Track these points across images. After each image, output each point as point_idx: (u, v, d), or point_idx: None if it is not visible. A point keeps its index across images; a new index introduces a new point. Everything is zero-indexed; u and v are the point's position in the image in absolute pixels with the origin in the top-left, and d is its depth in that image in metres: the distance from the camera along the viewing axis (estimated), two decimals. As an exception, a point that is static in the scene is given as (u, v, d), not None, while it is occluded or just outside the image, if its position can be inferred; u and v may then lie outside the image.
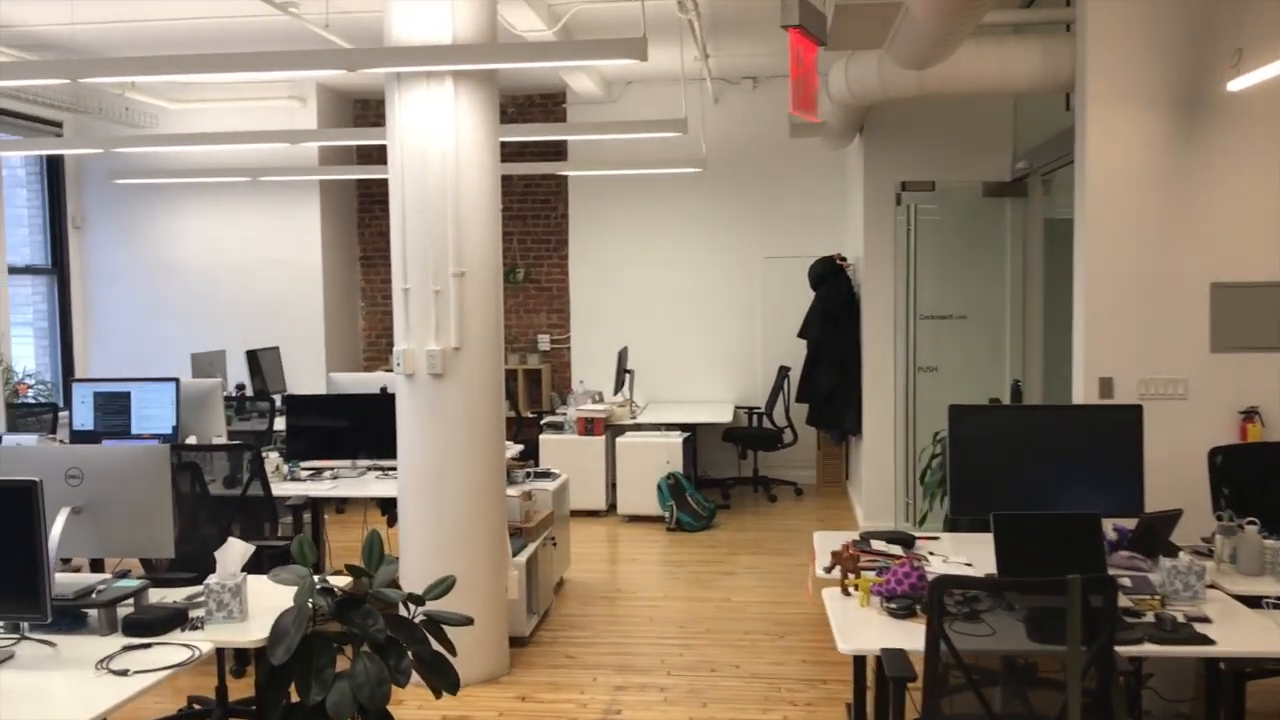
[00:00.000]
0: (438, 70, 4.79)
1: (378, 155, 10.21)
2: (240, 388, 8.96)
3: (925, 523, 6.32)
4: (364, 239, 10.48)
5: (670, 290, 9.89)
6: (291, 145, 8.77)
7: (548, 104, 10.00)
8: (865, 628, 3.42)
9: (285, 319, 9.80)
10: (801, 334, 8.78)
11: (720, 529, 8.07)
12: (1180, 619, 3.32)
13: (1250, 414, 5.20)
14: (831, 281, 8.40)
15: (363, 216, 10.48)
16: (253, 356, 8.97)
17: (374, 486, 5.78)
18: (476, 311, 4.96)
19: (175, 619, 3.34)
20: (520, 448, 6.74)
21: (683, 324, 9.89)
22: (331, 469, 6.09)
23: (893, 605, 3.53)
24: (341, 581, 3.47)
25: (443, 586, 3.53)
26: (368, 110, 10.34)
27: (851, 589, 3.71)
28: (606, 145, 9.79)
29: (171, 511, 3.57)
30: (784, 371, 9.20)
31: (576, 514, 8.35)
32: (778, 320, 9.73)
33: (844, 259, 8.56)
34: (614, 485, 8.52)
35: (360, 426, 6.07)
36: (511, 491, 5.82)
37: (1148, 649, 3.23)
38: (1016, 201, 7.49)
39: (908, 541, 4.23)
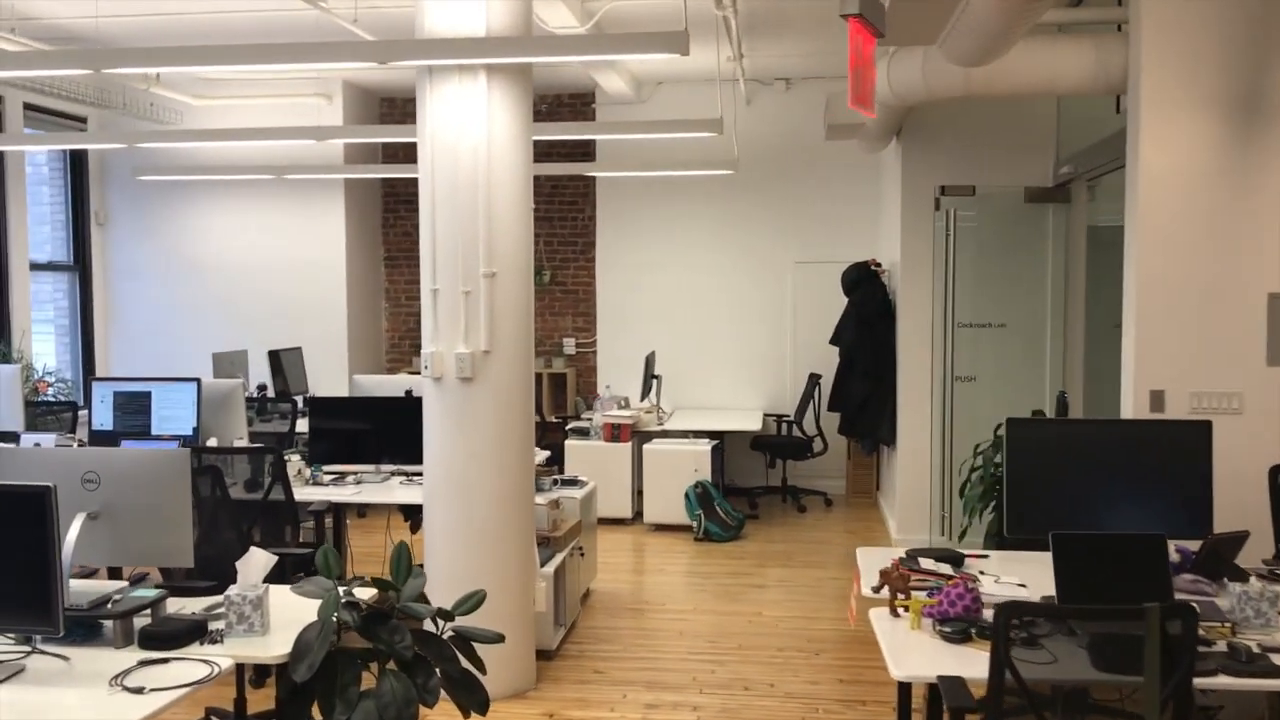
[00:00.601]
0: (471, 64, 4.64)
1: (404, 154, 10.08)
2: (262, 388, 8.83)
3: (965, 538, 6.12)
4: (389, 239, 10.36)
5: (699, 294, 9.72)
6: (317, 142, 8.65)
7: (576, 104, 9.85)
8: (917, 652, 3.24)
9: (308, 319, 9.68)
10: (833, 341, 8.59)
11: (749, 540, 7.89)
12: (1255, 649, 3.13)
13: (1312, 431, 4.99)
14: (866, 287, 8.20)
15: (387, 216, 10.35)
16: (275, 357, 8.84)
17: (398, 492, 5.62)
18: (507, 314, 4.80)
19: (194, 632, 3.19)
20: (547, 454, 6.58)
21: (711, 329, 9.71)
22: (355, 473, 5.95)
23: (947, 629, 3.34)
24: (367, 594, 3.31)
25: (473, 601, 3.36)
26: (394, 108, 10.22)
27: (901, 610, 3.53)
28: (636, 146, 9.63)
29: (191, 519, 3.42)
30: (815, 379, 9.01)
31: (602, 522, 8.18)
32: (808, 326, 9.54)
33: (878, 264, 8.36)
34: (640, 493, 8.35)
35: (384, 430, 5.92)
36: (539, 499, 5.66)
37: (1223, 681, 3.04)
38: (1059, 208, 7.29)
39: (956, 560, 4.04)
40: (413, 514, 6.07)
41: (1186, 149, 5.03)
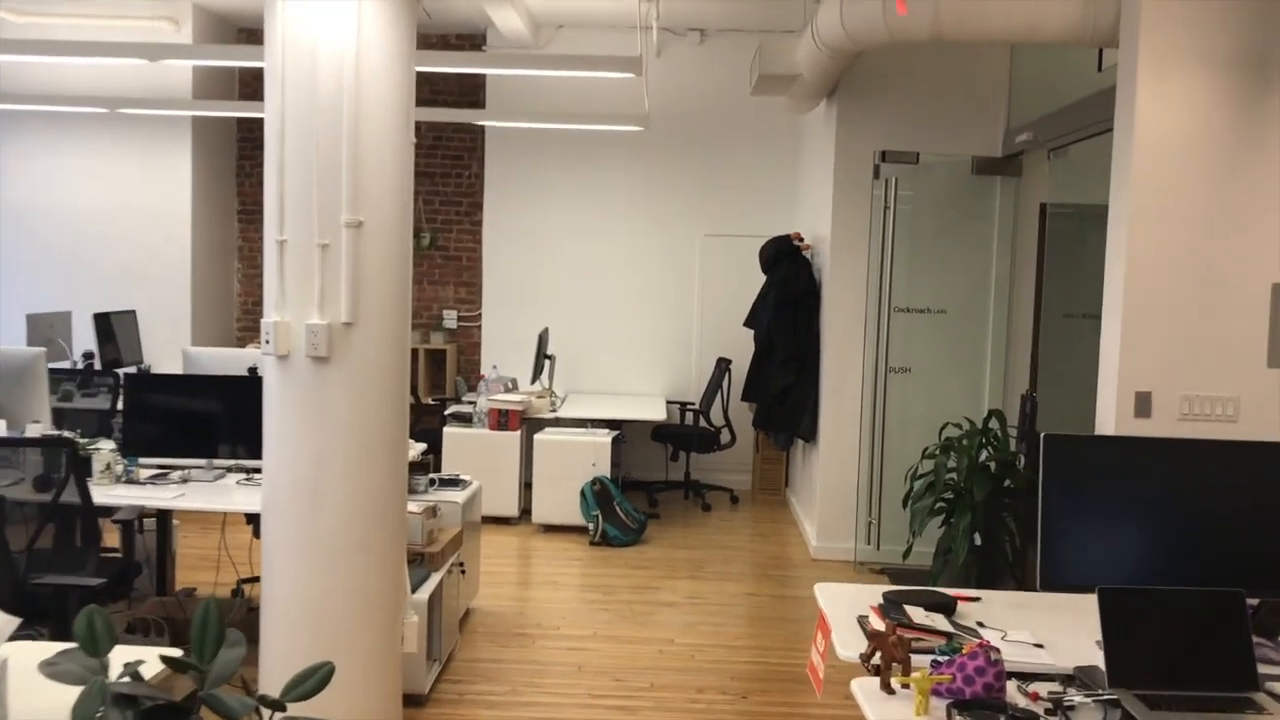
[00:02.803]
0: (337, -52, 3.56)
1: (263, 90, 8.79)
2: (89, 357, 7.53)
3: (910, 556, 5.32)
4: (244, 189, 9.06)
5: (598, 266, 8.73)
6: (157, 72, 7.35)
7: (465, 45, 8.72)
8: (932, 753, 2.36)
9: (146, 279, 8.36)
10: (748, 323, 7.72)
11: (651, 544, 6.98)
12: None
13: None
14: (787, 265, 7.35)
15: (243, 164, 9.06)
16: (103, 320, 7.55)
17: (235, 495, 4.53)
18: (376, 276, 3.75)
19: None
20: (422, 447, 5.54)
21: (611, 306, 8.74)
22: (182, 469, 4.82)
23: (967, 717, 2.47)
24: (156, 672, 2.26)
25: (315, 680, 2.33)
26: (254, 40, 8.92)
27: (899, 685, 2.64)
28: (533, 93, 8.57)
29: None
30: (724, 364, 8.14)
31: (485, 521, 7.16)
32: (718, 306, 8.66)
33: (801, 239, 7.52)
34: (529, 486, 7.35)
35: (220, 416, 4.81)
36: (413, 507, 4.63)
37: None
38: (1008, 181, 6.55)
39: (946, 606, 3.18)
40: (258, 519, 4.98)
41: (1187, 114, 4.30)
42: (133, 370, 7.80)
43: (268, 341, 3.70)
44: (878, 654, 2.71)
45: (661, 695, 4.50)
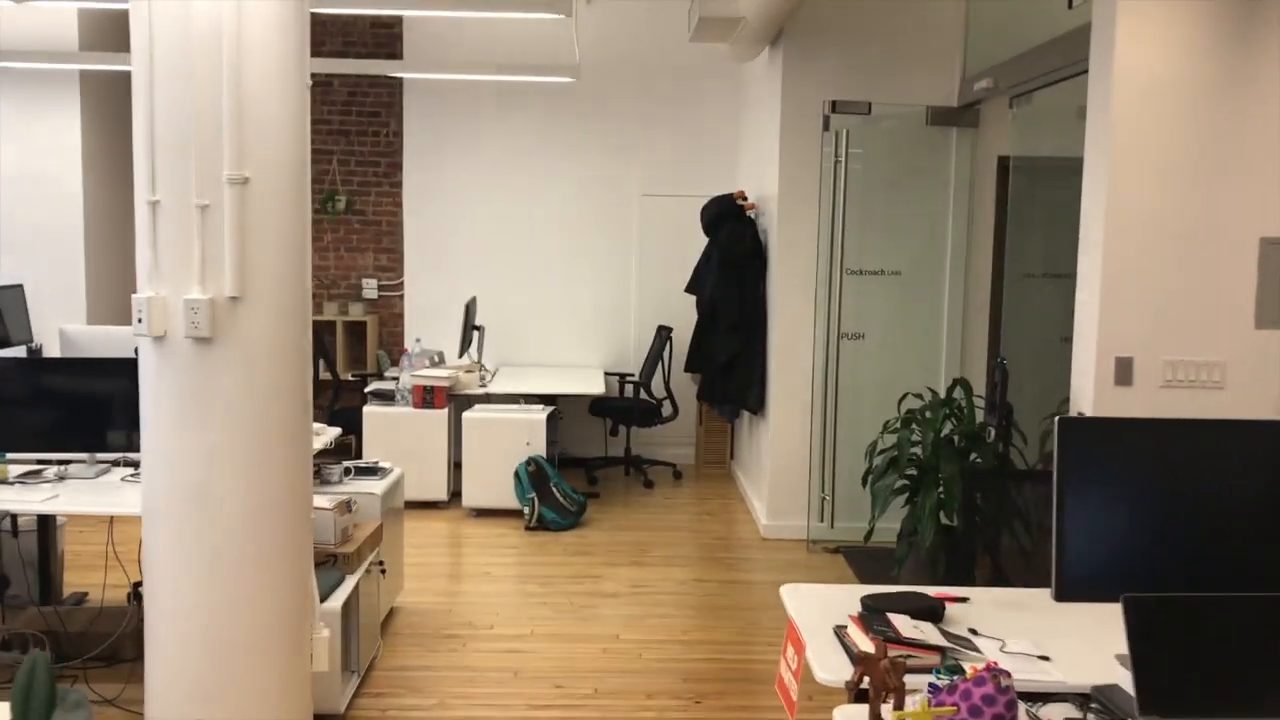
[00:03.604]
0: None
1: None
2: (-32, 337, 6.86)
3: (871, 538, 4.94)
4: (143, 153, 8.36)
5: (529, 230, 8.20)
6: (30, 12, 6.64)
7: (381, -6, 8.08)
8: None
9: (35, 250, 7.65)
10: (690, 289, 7.27)
11: (591, 527, 6.53)
12: None
13: (1318, 411, 4.04)
14: (731, 226, 6.90)
15: (141, 124, 8.34)
16: (-17, 297, 6.87)
17: (118, 495, 3.98)
18: (268, 241, 3.22)
19: None
20: (336, 432, 5.01)
21: (544, 272, 8.23)
22: (60, 464, 4.25)
23: (979, 761, 2.07)
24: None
25: None
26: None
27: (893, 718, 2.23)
28: (454, 43, 7.98)
29: None
30: (665, 333, 7.69)
31: (411, 506, 6.66)
32: (658, 271, 8.19)
33: (745, 198, 7.07)
34: (458, 466, 6.85)
35: (104, 404, 4.24)
36: (323, 502, 4.12)
37: None
38: (964, 132, 6.16)
39: (932, 611, 2.78)
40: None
41: (1171, 51, 3.93)
42: (21, 351, 7.14)
43: (140, 320, 3.16)
44: (866, 679, 2.29)
45: (607, 702, 4.07)
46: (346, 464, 4.75)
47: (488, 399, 7.19)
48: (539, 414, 6.71)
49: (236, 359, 3.19)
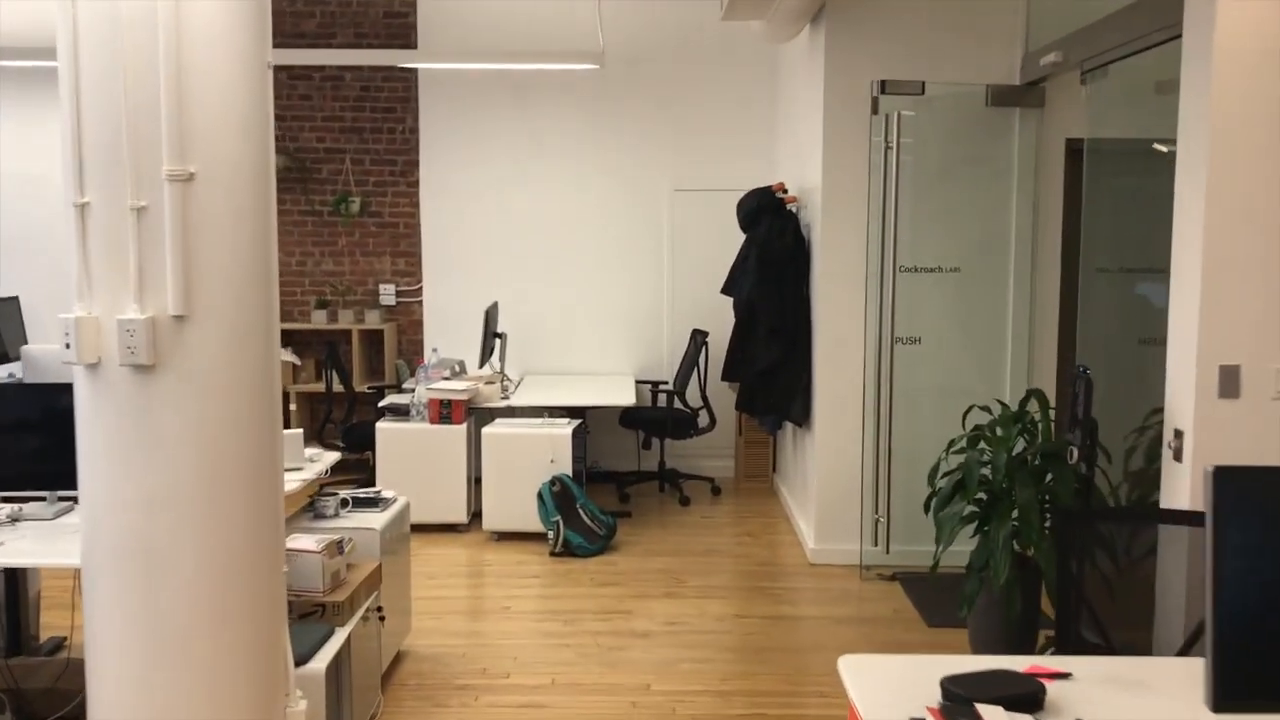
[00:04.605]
0: None
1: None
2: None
3: (937, 569, 4.36)
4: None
5: (554, 230, 7.69)
6: (24, 7, 6.23)
7: (393, -19, 7.61)
8: None
9: (30, 259, 7.25)
10: (726, 290, 6.72)
11: (622, 551, 6.00)
12: None
13: None
14: (770, 221, 6.34)
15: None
16: (-25, 311, 6.48)
17: (75, 542, 3.50)
18: (221, 247, 2.71)
19: None
20: (333, 459, 4.50)
21: (570, 274, 7.71)
22: (17, 502, 3.79)
23: None
24: None
25: None
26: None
27: None
28: (470, 31, 7.47)
29: None
30: (700, 337, 7.14)
31: (428, 530, 6.18)
32: (692, 272, 7.64)
33: (785, 190, 6.51)
34: (479, 482, 6.34)
35: (62, 436, 3.77)
36: (308, 543, 3.62)
37: None
38: (1028, 113, 5.55)
39: (1032, 699, 2.22)
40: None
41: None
42: (19, 368, 6.74)
43: (69, 346, 2.66)
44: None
45: (635, 773, 3.54)
46: (344, 494, 4.25)
47: (511, 412, 6.68)
48: (564, 428, 6.18)
49: (184, 389, 2.69)
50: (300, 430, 4.23)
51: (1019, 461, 4.18)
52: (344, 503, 4.23)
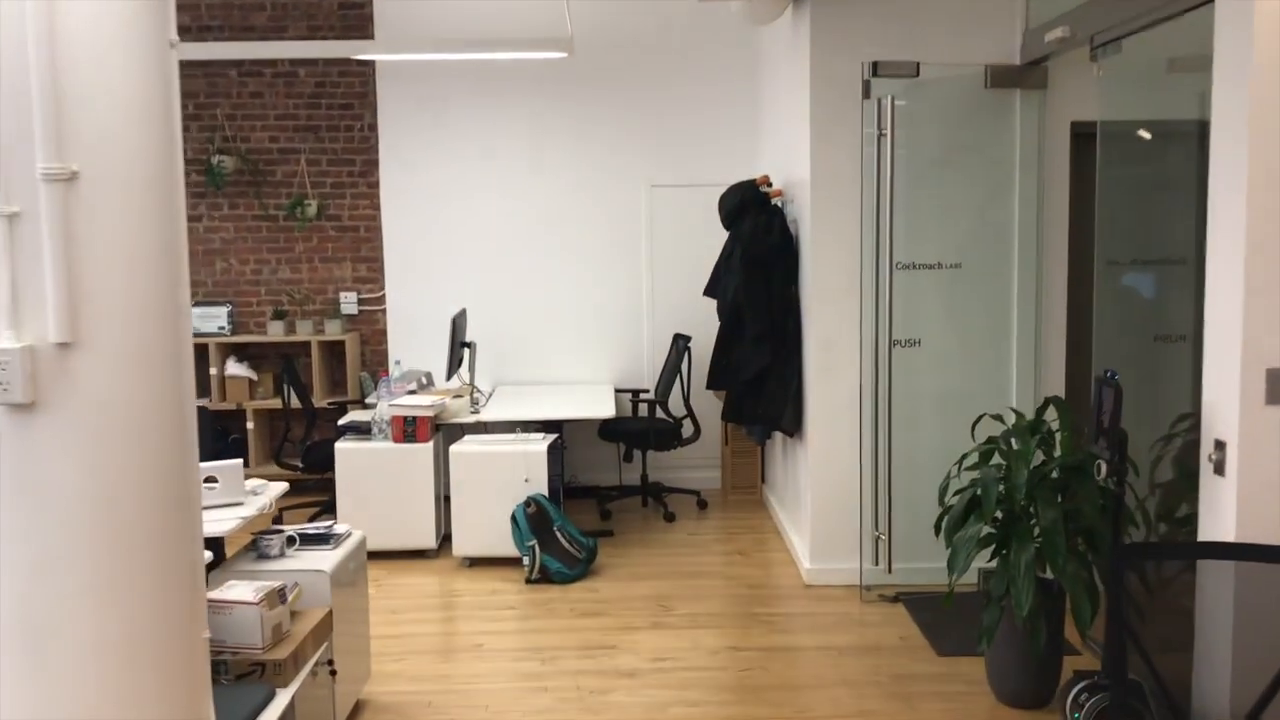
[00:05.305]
0: None
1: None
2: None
3: (950, 599, 3.96)
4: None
5: (524, 229, 7.25)
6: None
7: (347, -30, 7.15)
8: None
9: None
10: (709, 292, 6.31)
11: (603, 574, 5.58)
12: None
13: None
14: (755, 217, 5.93)
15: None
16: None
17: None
18: (115, 259, 2.27)
19: None
20: (280, 490, 4.04)
21: (542, 277, 7.27)
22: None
23: None
24: None
25: None
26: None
27: None
28: (430, 19, 7.02)
29: None
30: (682, 342, 6.73)
31: (393, 557, 5.74)
32: (672, 272, 7.22)
33: (770, 184, 6.10)
34: (448, 501, 5.91)
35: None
36: (245, 593, 3.18)
37: None
38: (1029, 95, 5.16)
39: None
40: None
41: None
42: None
43: (-71, 381, 2.22)
44: None
45: (622, 846, 3.11)
46: (291, 531, 3.81)
47: (481, 427, 6.24)
48: (539, 445, 5.75)
49: (73, 431, 2.25)
50: (239, 461, 3.78)
51: (1040, 477, 3.78)
52: (290, 540, 3.78)
